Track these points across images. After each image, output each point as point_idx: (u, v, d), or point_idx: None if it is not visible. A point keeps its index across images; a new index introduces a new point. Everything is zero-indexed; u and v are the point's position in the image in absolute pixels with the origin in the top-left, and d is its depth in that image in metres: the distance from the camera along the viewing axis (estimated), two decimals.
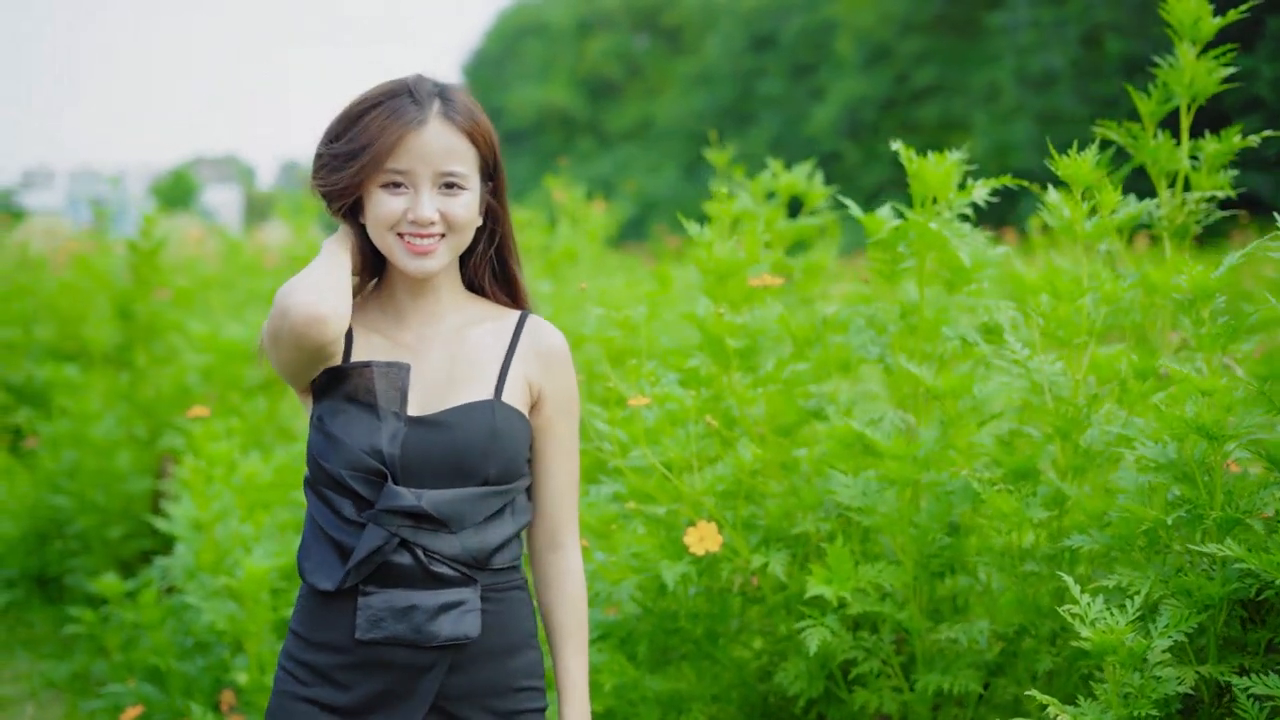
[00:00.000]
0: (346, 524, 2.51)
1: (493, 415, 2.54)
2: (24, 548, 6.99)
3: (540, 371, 2.64)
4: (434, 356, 2.61)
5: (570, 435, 2.71)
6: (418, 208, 2.53)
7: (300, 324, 2.40)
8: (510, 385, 2.61)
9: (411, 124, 2.55)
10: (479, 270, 2.73)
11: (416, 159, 2.54)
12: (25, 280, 9.76)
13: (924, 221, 3.29)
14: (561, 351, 2.69)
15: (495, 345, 2.65)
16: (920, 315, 3.38)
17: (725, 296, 3.55)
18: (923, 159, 3.39)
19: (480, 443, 2.52)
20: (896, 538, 3.19)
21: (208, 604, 4.45)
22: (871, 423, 3.31)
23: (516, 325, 2.68)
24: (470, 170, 2.58)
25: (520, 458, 2.59)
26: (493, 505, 2.54)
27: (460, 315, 2.67)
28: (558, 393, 2.66)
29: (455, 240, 2.58)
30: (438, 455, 2.50)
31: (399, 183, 2.55)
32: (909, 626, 3.22)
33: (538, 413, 2.65)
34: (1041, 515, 2.96)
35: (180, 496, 5.27)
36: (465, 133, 2.57)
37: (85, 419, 6.84)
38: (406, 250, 2.55)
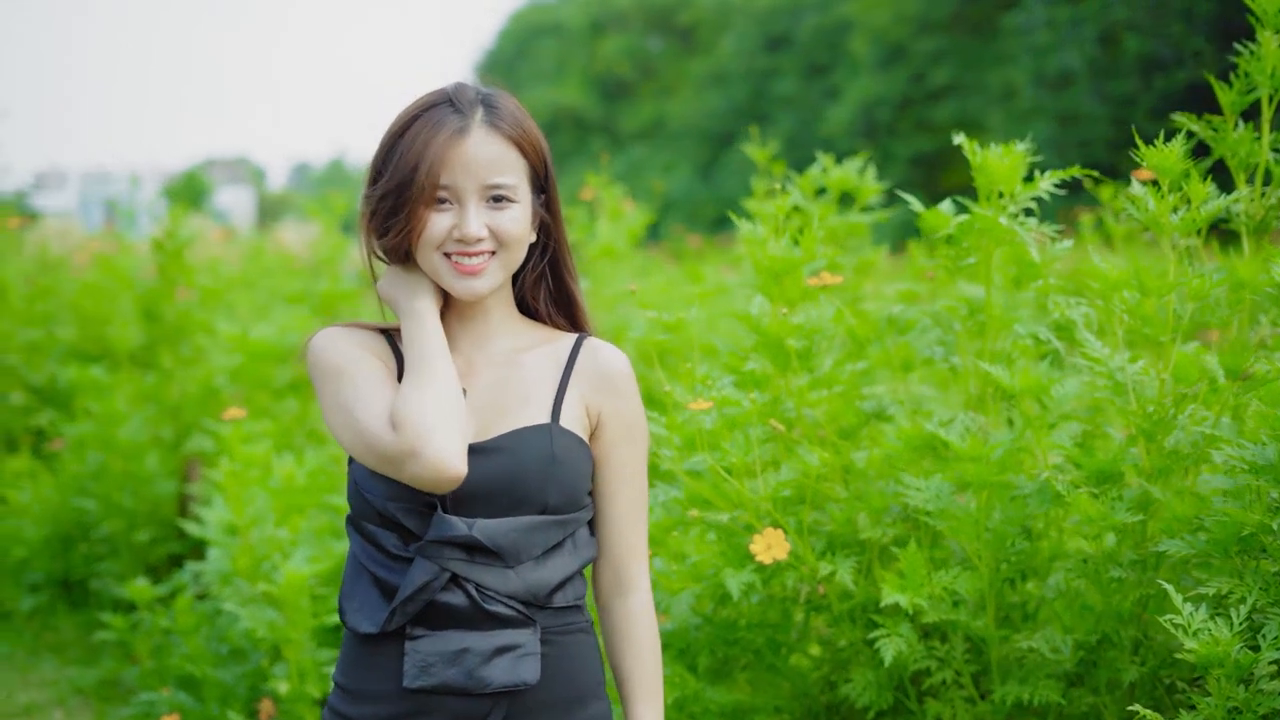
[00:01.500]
0: (392, 560, 2.33)
1: (550, 440, 2.36)
2: (49, 551, 6.89)
3: (600, 395, 2.44)
4: (485, 382, 2.43)
5: (635, 464, 2.49)
6: (464, 224, 2.35)
7: (430, 479, 2.22)
8: (567, 410, 2.42)
9: (453, 134, 2.36)
10: (533, 290, 2.55)
11: (460, 172, 2.35)
12: (46, 281, 9.67)
13: (993, 216, 3.18)
14: (623, 373, 2.48)
15: (550, 369, 2.46)
16: (988, 313, 3.27)
17: (782, 295, 3.44)
18: (987, 151, 3.28)
19: (538, 468, 2.33)
20: (971, 543, 3.08)
21: (245, 610, 4.34)
22: (943, 424, 3.20)
23: (573, 348, 2.49)
24: (519, 181, 2.39)
25: (581, 486, 2.39)
26: (553, 536, 2.36)
27: (512, 339, 2.49)
28: (620, 418, 2.46)
29: (506, 258, 2.39)
30: (492, 482, 2.31)
31: (443, 199, 2.36)
32: (983, 635, 3.11)
33: (598, 440, 2.45)
34: (1129, 519, 2.85)
35: (212, 500, 5.17)
36: (512, 141, 2.39)
37: (111, 421, 6.74)
38: (454, 271, 2.37)
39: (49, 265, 10.80)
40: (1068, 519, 3.23)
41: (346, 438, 2.30)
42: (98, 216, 28.73)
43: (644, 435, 2.50)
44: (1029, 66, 20.38)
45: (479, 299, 2.41)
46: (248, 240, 13.69)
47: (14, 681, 5.99)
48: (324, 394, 2.35)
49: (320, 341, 2.39)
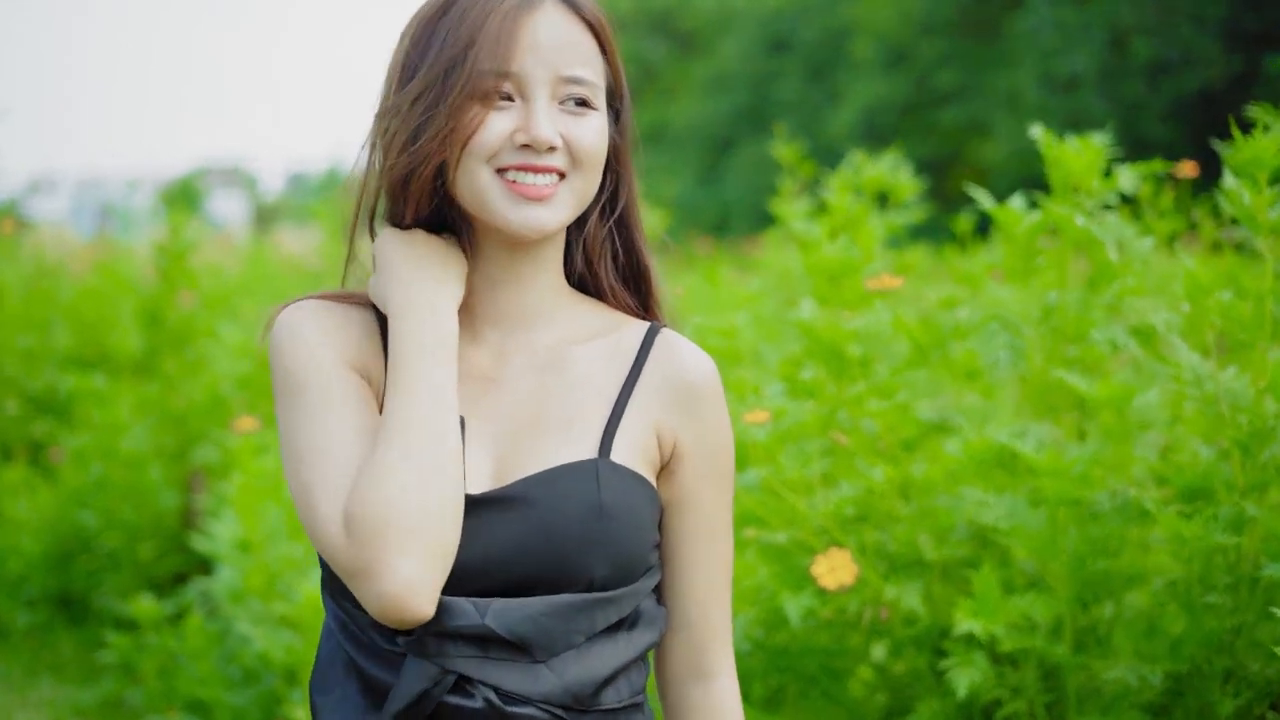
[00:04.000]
0: (376, 654, 1.70)
1: (596, 484, 1.72)
2: (47, 566, 6.68)
3: (677, 415, 1.80)
4: (521, 389, 1.79)
5: (722, 512, 1.86)
6: (533, 122, 1.72)
7: (377, 612, 1.62)
8: (627, 436, 1.77)
9: (518, 5, 1.75)
10: (595, 253, 1.88)
11: (529, 55, 1.73)
12: (42, 287, 9.49)
13: (1069, 215, 2.98)
14: (710, 385, 1.83)
15: (609, 374, 1.81)
16: (1062, 317, 3.07)
17: (839, 299, 3.23)
18: (1063, 144, 3.08)
19: (578, 527, 1.70)
20: (1049, 564, 2.86)
21: (259, 631, 4.14)
22: (1015, 435, 2.99)
23: (642, 344, 1.83)
24: (599, 82, 1.79)
25: (642, 546, 1.76)
26: (601, 619, 1.73)
27: (563, 323, 1.84)
28: (704, 448, 1.82)
29: (581, 185, 1.77)
30: (512, 550, 1.69)
31: (503, 92, 1.73)
32: (1059, 662, 2.90)
33: (673, 478, 1.81)
34: (1226, 540, 2.64)
35: (220, 514, 4.97)
36: (591, 29, 1.80)
37: (113, 430, 6.53)
38: (511, 194, 1.73)
39: (45, 271, 10.61)
40: (1148, 537, 3.02)
41: (296, 506, 1.71)
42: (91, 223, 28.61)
43: (732, 471, 1.87)
44: (1035, 70, 20.25)
45: (545, 236, 1.77)
46: (248, 245, 13.53)
47: (11, 702, 5.80)
48: (280, 420, 1.75)
49: (284, 331, 1.77)
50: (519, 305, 1.82)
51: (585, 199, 1.79)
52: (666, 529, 1.84)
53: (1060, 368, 3.07)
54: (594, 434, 1.76)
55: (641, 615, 1.79)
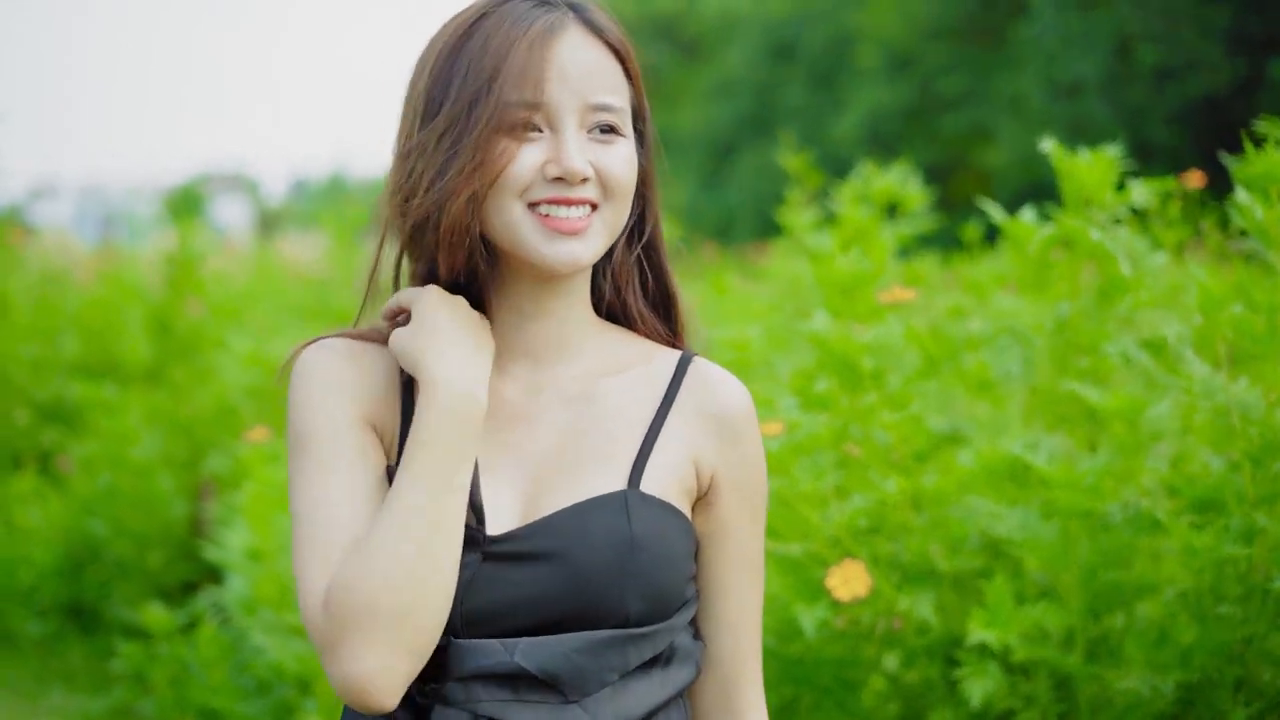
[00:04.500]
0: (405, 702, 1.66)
1: (626, 517, 1.67)
2: (57, 576, 6.69)
3: (713, 445, 1.76)
4: (550, 423, 1.75)
5: (755, 544, 1.82)
6: (564, 153, 1.67)
7: (339, 691, 1.58)
8: (659, 466, 1.72)
9: (544, 31, 1.69)
10: (622, 279, 1.84)
11: (556, 83, 1.68)
12: (48, 295, 9.49)
13: (1083, 229, 2.99)
14: (744, 414, 1.79)
15: (641, 404, 1.77)
16: (1075, 330, 3.08)
17: (851, 311, 3.25)
18: (1075, 157, 3.10)
19: (609, 561, 1.65)
20: (1061, 574, 2.88)
21: (272, 640, 4.15)
22: (1028, 447, 3.01)
23: (675, 373, 1.79)
24: (626, 108, 1.74)
25: (677, 579, 1.72)
26: (634, 655, 1.69)
27: (593, 355, 1.80)
28: (739, 479, 1.77)
29: (612, 216, 1.72)
30: (542, 586, 1.65)
31: (532, 123, 1.68)
32: (1071, 672, 2.91)
33: (708, 509, 1.77)
34: (1237, 551, 2.66)
35: (231, 523, 4.98)
36: (615, 53, 1.74)
37: (122, 440, 6.53)
38: (545, 229, 1.68)
39: (51, 279, 10.62)
40: (1159, 548, 3.04)
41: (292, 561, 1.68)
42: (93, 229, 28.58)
43: (765, 504, 1.83)
44: (1039, 75, 20.24)
45: (579, 270, 1.72)
46: (254, 253, 13.53)
47: (22, 710, 5.82)
48: (289, 469, 1.71)
49: (299, 377, 1.73)
50: (548, 338, 1.77)
51: (617, 228, 1.75)
52: (701, 562, 1.79)
53: (1072, 379, 3.09)
54: (624, 465, 1.72)
55: (677, 651, 1.75)
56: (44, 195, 27.65)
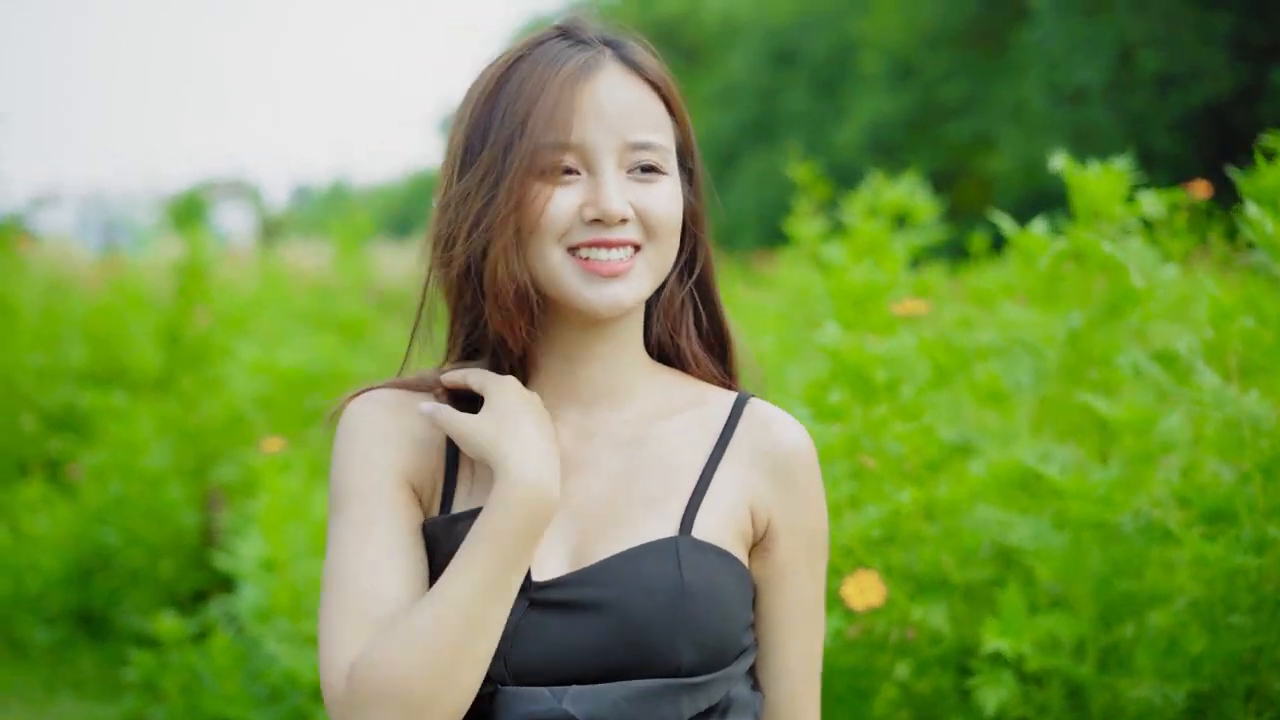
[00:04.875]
0: None
1: (677, 563, 1.62)
2: (66, 584, 6.71)
3: (770, 490, 1.71)
4: (603, 469, 1.70)
5: (815, 593, 1.76)
6: (602, 195, 1.63)
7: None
8: (712, 511, 1.67)
9: (578, 70, 1.66)
10: (675, 320, 1.79)
11: (592, 123, 1.64)
12: (55, 304, 9.51)
13: (1095, 242, 3.02)
14: (801, 456, 1.73)
15: (695, 448, 1.72)
16: (1086, 342, 3.11)
17: (864, 323, 3.27)
18: (1085, 170, 3.12)
19: (660, 609, 1.60)
20: (1073, 584, 2.91)
21: (285, 649, 4.17)
22: (1041, 458, 3.03)
23: (729, 415, 1.74)
24: (669, 145, 1.70)
25: (732, 628, 1.65)
26: (688, 706, 1.63)
27: (645, 398, 1.75)
28: (798, 525, 1.72)
29: (656, 257, 1.68)
30: (592, 635, 1.61)
31: (566, 165, 1.64)
32: (1085, 681, 2.94)
33: (766, 556, 1.72)
34: (1249, 562, 2.68)
35: (243, 532, 5.00)
36: (656, 90, 1.70)
37: (132, 448, 6.55)
38: (585, 272, 1.64)
39: (56, 287, 10.63)
40: (1170, 558, 3.06)
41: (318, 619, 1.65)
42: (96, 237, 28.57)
43: (826, 549, 1.78)
44: (1042, 82, 20.26)
45: (622, 314, 1.68)
46: (258, 261, 13.53)
47: (32, 717, 5.83)
48: (329, 521, 1.69)
49: (344, 430, 1.72)
50: (599, 382, 1.74)
51: (663, 269, 1.71)
52: (758, 609, 1.74)
53: (1083, 391, 3.11)
54: (676, 511, 1.67)
55: (734, 702, 1.69)
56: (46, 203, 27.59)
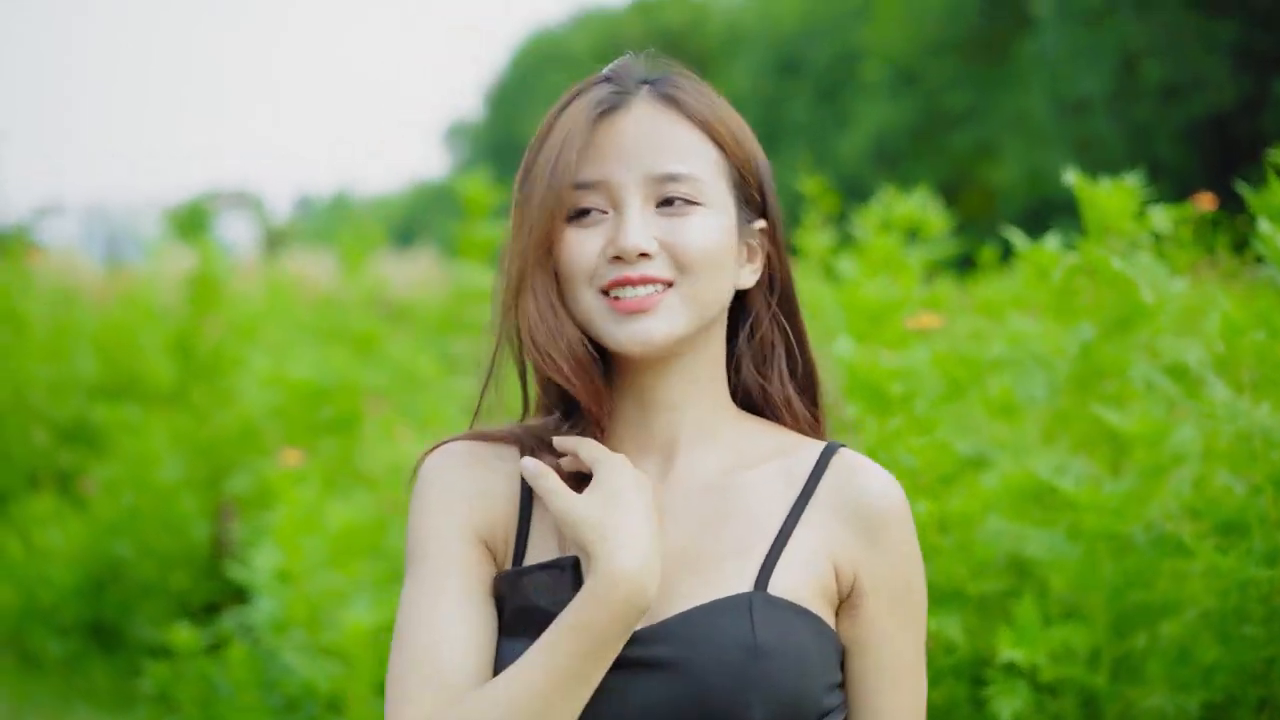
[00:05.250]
0: None
1: (750, 621, 1.55)
2: (78, 596, 6.75)
3: (852, 543, 1.62)
4: (680, 520, 1.65)
5: (910, 652, 1.66)
6: (621, 233, 1.60)
7: None
8: (792, 567, 1.60)
9: (603, 111, 1.65)
10: (761, 365, 1.73)
11: (612, 160, 1.62)
12: (65, 316, 9.54)
13: (1106, 257, 3.06)
14: (894, 511, 1.64)
15: (777, 500, 1.65)
16: (1097, 355, 3.14)
17: (878, 338, 3.31)
18: (1095, 184, 3.16)
19: (731, 669, 1.53)
20: (1087, 595, 2.95)
21: (302, 660, 4.21)
22: (1056, 470, 3.07)
23: (815, 465, 1.66)
24: (707, 176, 1.64)
25: (810, 689, 1.57)
26: None
27: (727, 447, 1.69)
28: (888, 580, 1.63)
29: (693, 289, 1.61)
30: (661, 693, 1.55)
31: (589, 207, 1.63)
32: (1099, 690, 2.97)
33: (854, 613, 1.63)
34: (1261, 573, 2.72)
35: (258, 544, 5.03)
36: (695, 121, 1.65)
37: (146, 461, 6.59)
38: (613, 311, 1.60)
39: (64, 299, 10.66)
40: (1183, 570, 3.09)
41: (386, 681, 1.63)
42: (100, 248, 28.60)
43: (923, 607, 1.68)
44: (1045, 92, 20.31)
45: (654, 351, 1.62)
46: (264, 272, 13.56)
47: None
48: (405, 576, 1.68)
49: (421, 486, 1.71)
50: (675, 429, 1.68)
51: (706, 304, 1.64)
52: (848, 671, 1.65)
53: (1095, 404, 3.15)
54: (753, 566, 1.60)
55: None
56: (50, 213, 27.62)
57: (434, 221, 33.34)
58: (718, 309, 1.67)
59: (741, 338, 1.74)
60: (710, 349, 1.70)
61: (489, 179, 5.90)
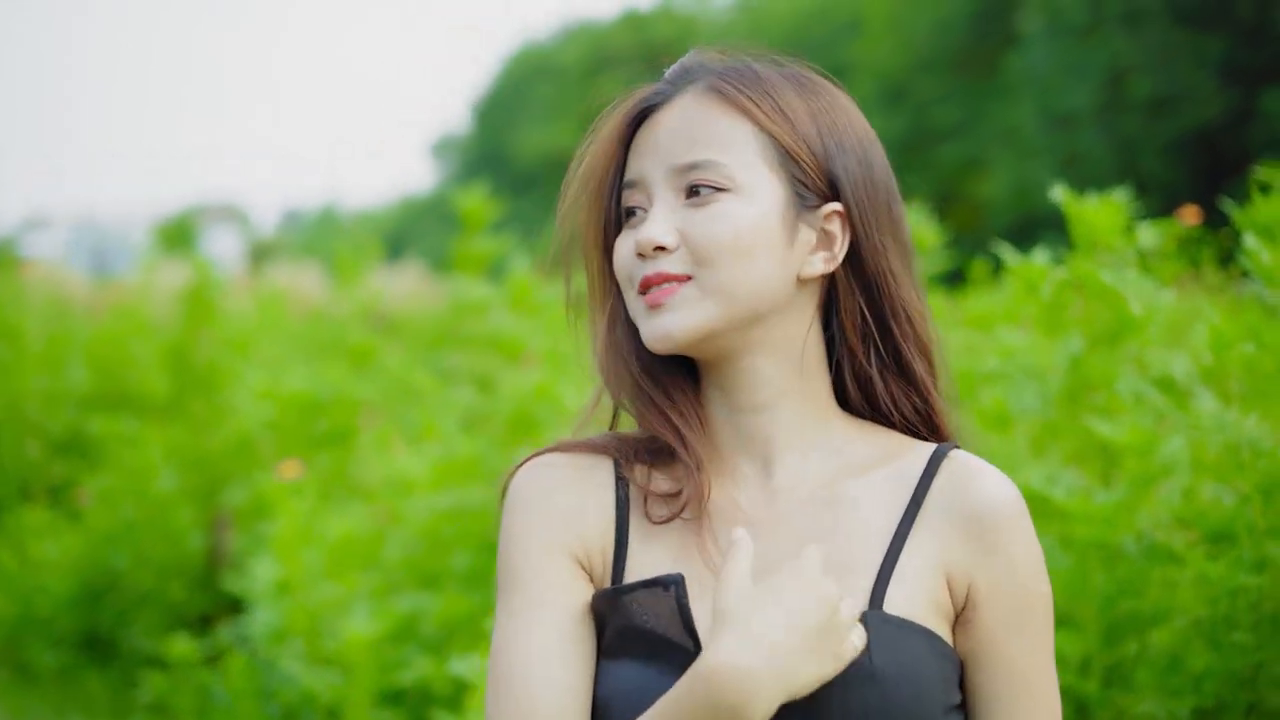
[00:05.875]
0: None
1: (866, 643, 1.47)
2: (73, 607, 6.78)
3: (965, 551, 1.53)
4: (783, 533, 1.56)
5: (1035, 665, 1.55)
6: (642, 226, 1.55)
7: None
8: (907, 581, 1.52)
9: (639, 105, 1.61)
10: (858, 367, 1.60)
11: (648, 154, 1.58)
12: (58, 328, 9.57)
13: (1094, 272, 3.12)
14: (1009, 514, 1.55)
15: (887, 509, 1.56)
16: (1087, 367, 3.20)
17: None
18: (1083, 200, 3.22)
19: (843, 694, 1.45)
20: (1078, 603, 3.00)
21: (301, 669, 4.25)
22: (1048, 481, 3.12)
23: (925, 470, 1.56)
24: (740, 160, 1.54)
25: (932, 711, 1.49)
26: None
27: (830, 452, 1.59)
28: (1006, 589, 1.53)
29: (715, 279, 1.53)
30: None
31: (637, 206, 1.58)
32: (1091, 697, 3.02)
33: (969, 626, 1.53)
34: (1250, 581, 2.77)
35: (255, 556, 5.08)
36: (734, 105, 1.56)
37: (142, 473, 6.62)
38: (645, 309, 1.55)
39: (57, 312, 10.68)
40: (1173, 578, 3.15)
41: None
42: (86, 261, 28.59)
43: (1049, 616, 1.56)
44: (1034, 106, 20.41)
45: (681, 350, 1.55)
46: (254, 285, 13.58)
47: None
48: (497, 597, 1.61)
49: (510, 504, 1.63)
50: (768, 431, 1.59)
51: (734, 296, 1.54)
52: (970, 686, 1.55)
53: (1085, 415, 3.20)
54: (865, 582, 1.51)
55: None
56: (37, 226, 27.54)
57: (423, 235, 33.36)
58: (757, 300, 1.55)
59: (834, 331, 1.61)
60: (786, 345, 1.59)
61: (485, 192, 5.95)
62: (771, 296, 1.56)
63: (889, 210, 1.62)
